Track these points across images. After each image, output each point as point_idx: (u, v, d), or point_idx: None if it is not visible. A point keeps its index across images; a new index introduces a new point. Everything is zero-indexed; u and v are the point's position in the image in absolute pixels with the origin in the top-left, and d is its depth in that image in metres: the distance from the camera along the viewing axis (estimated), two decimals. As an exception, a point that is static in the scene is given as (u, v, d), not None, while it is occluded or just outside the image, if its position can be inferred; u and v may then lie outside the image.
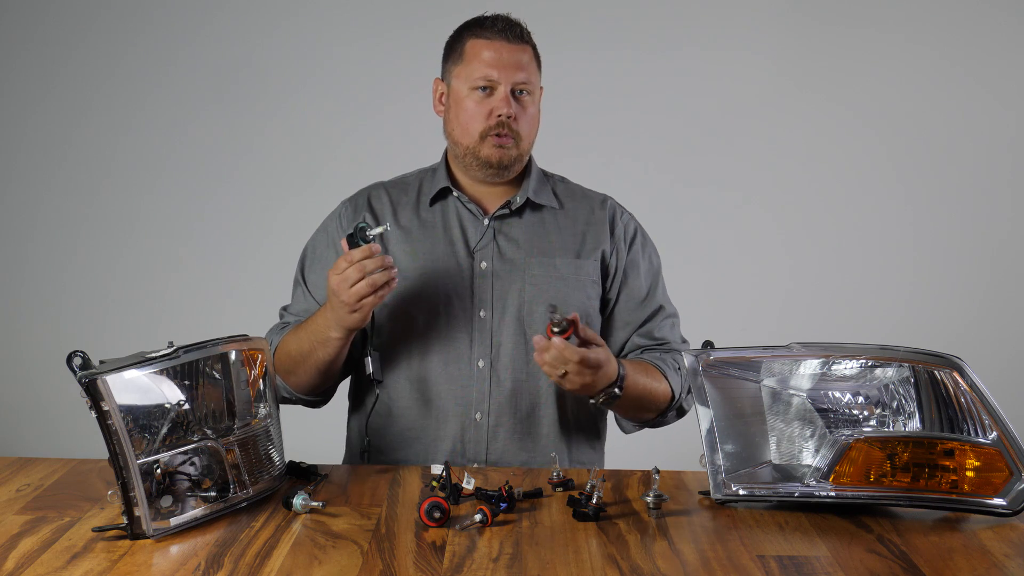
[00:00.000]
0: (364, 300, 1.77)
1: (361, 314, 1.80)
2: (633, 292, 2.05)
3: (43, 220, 3.95)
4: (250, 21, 3.87)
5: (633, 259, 2.06)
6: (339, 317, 1.82)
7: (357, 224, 1.80)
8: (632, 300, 2.05)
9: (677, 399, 1.99)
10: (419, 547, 1.48)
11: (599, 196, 2.11)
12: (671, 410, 2.01)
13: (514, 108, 1.94)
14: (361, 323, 1.83)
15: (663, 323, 2.06)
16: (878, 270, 3.91)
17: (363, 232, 1.78)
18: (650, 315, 2.05)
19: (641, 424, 2.06)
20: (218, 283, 3.91)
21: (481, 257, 1.99)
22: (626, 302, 2.05)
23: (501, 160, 1.96)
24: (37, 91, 3.91)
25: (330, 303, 1.83)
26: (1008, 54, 3.86)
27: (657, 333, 2.05)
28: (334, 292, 1.79)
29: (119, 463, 1.47)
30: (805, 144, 3.89)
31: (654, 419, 2.03)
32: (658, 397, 1.97)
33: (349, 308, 1.79)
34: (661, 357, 2.01)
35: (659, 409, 2.00)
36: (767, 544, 1.51)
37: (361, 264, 1.76)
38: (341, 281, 1.77)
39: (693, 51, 3.85)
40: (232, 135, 3.90)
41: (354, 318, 1.81)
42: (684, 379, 1.99)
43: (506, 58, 1.94)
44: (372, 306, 1.79)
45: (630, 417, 2.04)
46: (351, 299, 1.77)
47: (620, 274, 2.05)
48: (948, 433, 1.61)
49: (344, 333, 1.86)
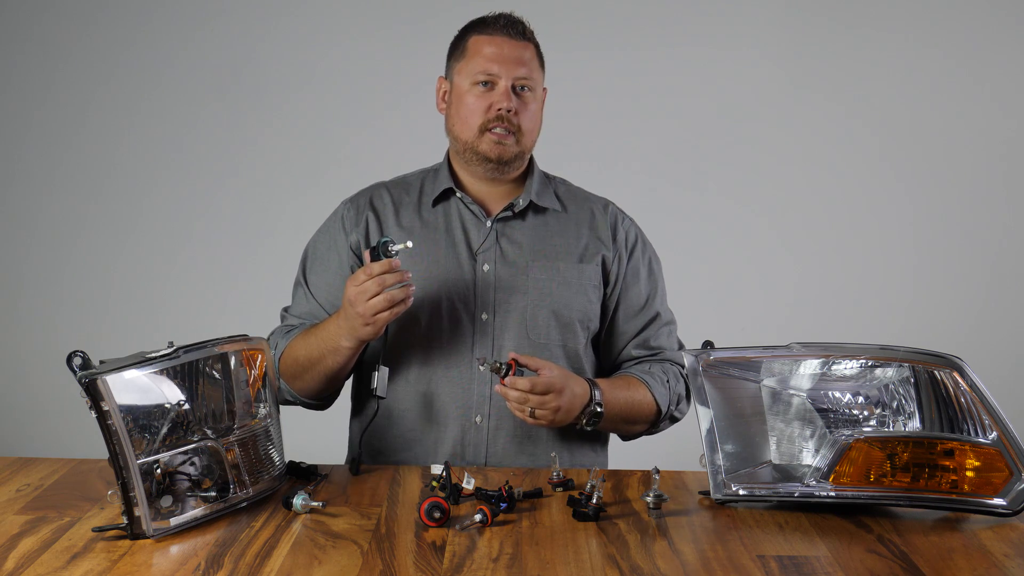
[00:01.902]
0: (379, 315, 1.77)
1: (374, 328, 1.80)
2: (632, 301, 2.05)
3: (43, 220, 3.94)
4: (250, 21, 3.87)
5: (633, 267, 2.06)
6: (352, 327, 1.81)
7: (381, 239, 1.79)
8: (630, 309, 2.05)
9: (665, 412, 1.98)
10: (419, 547, 1.48)
11: (601, 200, 2.10)
12: (662, 420, 2.01)
13: (515, 103, 1.94)
14: (373, 336, 1.83)
15: (660, 331, 2.06)
16: (878, 270, 3.91)
17: (386, 247, 1.77)
18: (647, 323, 2.05)
19: (636, 435, 2.06)
20: (218, 283, 3.91)
21: (484, 260, 1.99)
22: (624, 311, 2.05)
23: (501, 155, 1.96)
24: (36, 91, 3.90)
25: (344, 312, 1.82)
26: (1010, 55, 3.86)
27: (653, 342, 2.05)
28: (350, 303, 1.78)
29: (119, 463, 1.47)
30: (804, 145, 3.89)
31: (646, 430, 2.03)
32: (643, 410, 1.96)
33: (363, 321, 1.78)
34: (648, 371, 2.00)
35: (648, 421, 1.99)
36: (767, 544, 1.52)
37: (381, 278, 1.76)
38: (359, 293, 1.77)
39: (696, 53, 3.85)
40: (233, 135, 3.90)
41: (367, 331, 1.80)
42: (673, 392, 1.99)
43: (507, 53, 1.94)
44: (386, 321, 1.79)
45: (622, 432, 2.04)
46: (367, 312, 1.77)
47: (620, 283, 2.04)
48: (948, 433, 1.61)
49: (356, 343, 1.85)
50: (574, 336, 1.99)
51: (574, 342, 1.99)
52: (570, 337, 1.99)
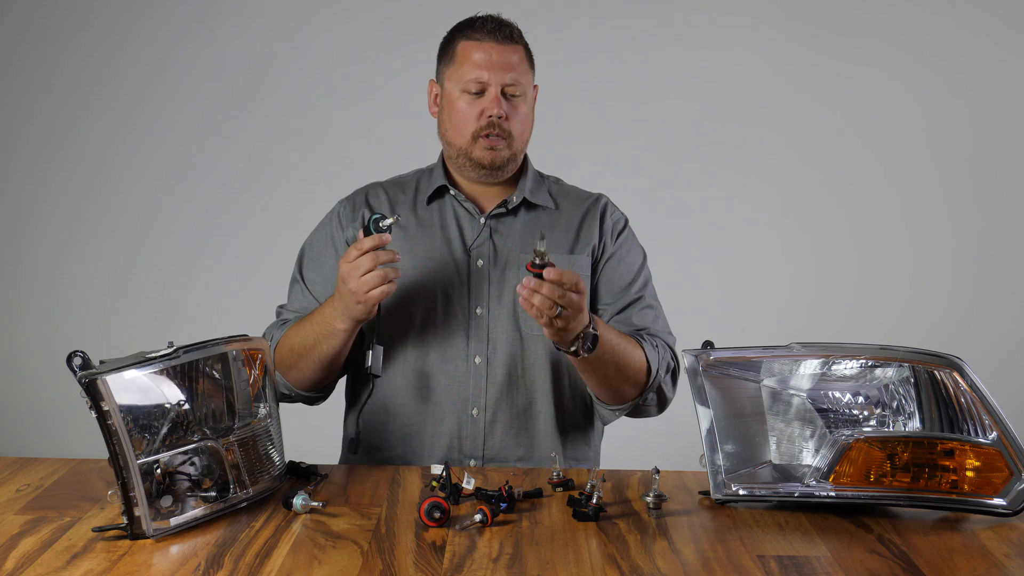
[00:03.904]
0: (371, 292, 1.78)
1: (366, 306, 1.81)
2: (614, 280, 2.04)
3: (43, 220, 3.95)
4: (248, 23, 3.87)
5: (618, 250, 2.06)
6: (346, 306, 1.82)
7: (372, 215, 1.81)
8: (613, 287, 2.03)
9: (655, 376, 1.93)
10: (419, 547, 1.48)
11: (593, 195, 2.11)
12: (650, 388, 1.94)
13: (505, 108, 1.94)
14: (366, 315, 1.84)
15: (643, 312, 2.03)
16: (878, 270, 3.91)
17: (377, 223, 1.80)
18: (629, 303, 2.03)
19: (621, 403, 1.97)
20: (218, 283, 3.91)
21: (478, 255, 2.00)
22: (607, 287, 2.04)
23: (493, 161, 1.97)
24: (36, 92, 3.91)
25: (338, 292, 1.83)
26: (1007, 52, 3.86)
27: (636, 320, 2.01)
28: (343, 280, 1.80)
29: (119, 463, 1.47)
30: (803, 145, 3.89)
31: (634, 398, 1.95)
32: (634, 361, 1.90)
33: (356, 298, 1.79)
34: (637, 333, 1.98)
35: (637, 381, 1.92)
36: (767, 544, 1.52)
37: (375, 254, 1.77)
38: (351, 269, 1.78)
39: (693, 52, 3.85)
40: (231, 135, 3.90)
41: (359, 309, 1.82)
42: (662, 359, 1.95)
43: (496, 59, 1.95)
44: (378, 299, 1.80)
45: (611, 385, 1.93)
46: (360, 289, 1.78)
47: (605, 264, 2.04)
48: (948, 433, 1.61)
49: (351, 324, 1.86)
50: None
51: None
52: None
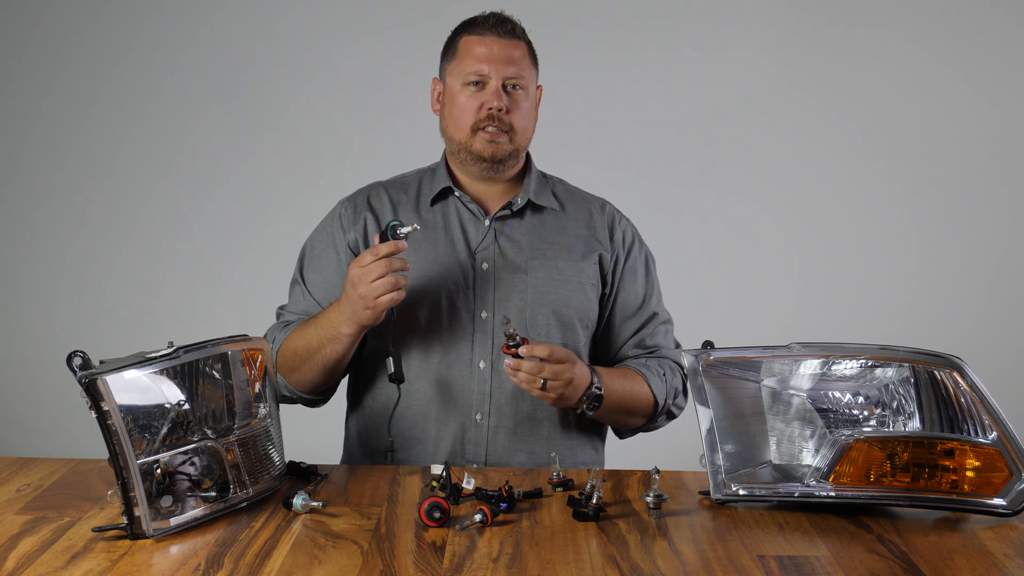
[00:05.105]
0: (381, 298, 1.77)
1: (374, 312, 1.80)
2: (628, 301, 2.05)
3: (43, 220, 3.95)
4: (249, 22, 3.87)
5: (631, 267, 2.06)
6: (353, 311, 1.81)
7: (389, 222, 1.80)
8: (627, 309, 2.05)
9: (663, 405, 1.99)
10: (419, 547, 1.48)
11: (598, 200, 2.11)
12: (660, 415, 2.01)
13: (506, 101, 1.94)
14: (373, 321, 1.83)
15: (656, 330, 2.07)
16: (878, 270, 3.91)
17: (394, 230, 1.79)
18: (644, 323, 2.06)
19: (634, 430, 2.06)
20: (218, 283, 3.91)
21: (482, 258, 1.99)
22: (621, 311, 2.05)
23: (494, 154, 1.96)
24: (36, 92, 3.91)
25: (346, 296, 1.82)
26: (1009, 53, 3.86)
27: (649, 341, 2.06)
28: (353, 284, 1.78)
29: (119, 463, 1.47)
30: (804, 145, 3.89)
31: (644, 424, 2.03)
32: (641, 401, 1.96)
33: (364, 304, 1.78)
34: (645, 364, 2.01)
35: (645, 414, 1.99)
36: (767, 544, 1.51)
37: (388, 260, 1.76)
38: (363, 274, 1.77)
39: (694, 52, 3.85)
40: (231, 135, 3.90)
41: (367, 315, 1.80)
42: (670, 385, 2.00)
43: (497, 52, 1.95)
44: (387, 305, 1.79)
45: (620, 424, 2.04)
46: (369, 294, 1.77)
47: (617, 283, 2.05)
48: (948, 433, 1.61)
49: (356, 329, 1.85)
50: (574, 334, 1.99)
51: (574, 340, 1.99)
52: (570, 335, 1.99)
